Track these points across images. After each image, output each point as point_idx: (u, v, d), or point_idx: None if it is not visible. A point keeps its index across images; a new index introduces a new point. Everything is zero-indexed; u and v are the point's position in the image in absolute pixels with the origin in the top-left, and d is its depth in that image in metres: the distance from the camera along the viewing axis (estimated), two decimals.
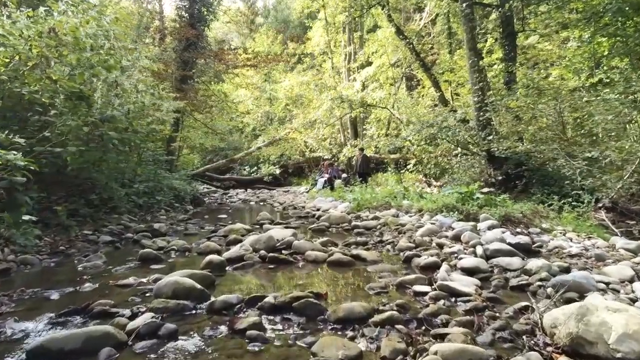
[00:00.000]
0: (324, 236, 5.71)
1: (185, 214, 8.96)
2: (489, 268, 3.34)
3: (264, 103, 23.63)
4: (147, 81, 7.37)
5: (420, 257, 3.82)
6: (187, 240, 5.41)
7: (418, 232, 5.01)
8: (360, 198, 7.70)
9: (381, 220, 6.47)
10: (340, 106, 15.72)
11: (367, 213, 7.34)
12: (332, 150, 19.22)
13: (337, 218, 6.42)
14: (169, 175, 10.88)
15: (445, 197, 6.63)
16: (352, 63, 18.86)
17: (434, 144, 14.23)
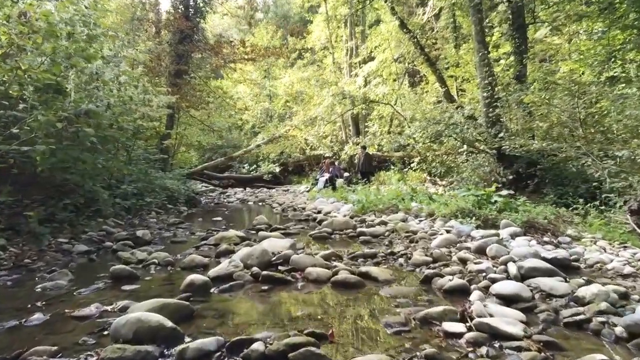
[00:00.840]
0: (326, 244, 5.08)
1: (177, 217, 8.32)
2: (531, 295, 2.69)
3: (263, 99, 22.95)
4: (131, 73, 6.71)
5: (443, 277, 3.18)
6: (173, 250, 4.78)
7: (434, 242, 4.36)
8: (365, 200, 7.06)
9: (389, 226, 5.83)
10: (341, 102, 15.05)
11: (372, 217, 6.70)
12: (333, 148, 18.55)
13: (340, 223, 5.78)
14: (162, 175, 10.23)
15: (459, 200, 5.99)
16: (353, 58, 18.18)
17: (439, 141, 13.60)
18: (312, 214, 8.11)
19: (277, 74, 22.49)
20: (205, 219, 8.28)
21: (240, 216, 9.10)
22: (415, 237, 4.92)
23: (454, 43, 15.73)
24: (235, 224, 7.35)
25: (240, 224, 7.35)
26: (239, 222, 7.94)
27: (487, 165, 10.38)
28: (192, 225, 7.10)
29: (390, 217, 6.38)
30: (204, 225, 7.29)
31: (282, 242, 4.12)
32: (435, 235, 4.95)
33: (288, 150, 19.76)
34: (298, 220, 7.53)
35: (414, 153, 15.16)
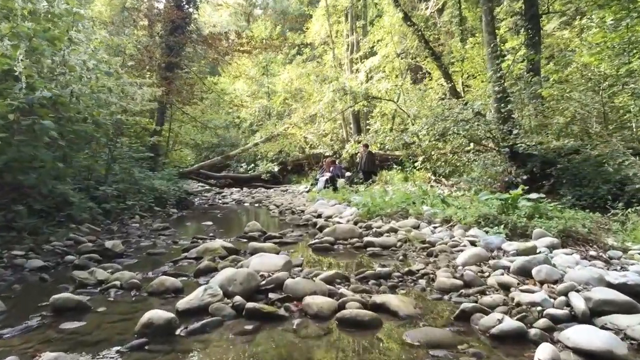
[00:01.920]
0: (329, 257, 4.26)
1: (164, 221, 7.50)
2: (627, 352, 1.86)
3: (261, 96, 22.09)
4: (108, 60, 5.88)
5: (486, 313, 2.36)
6: (146, 266, 3.96)
7: (460, 258, 3.54)
8: (371, 203, 6.23)
9: (400, 234, 5.02)
10: (342, 99, 14.22)
11: (379, 223, 5.88)
12: (334, 147, 17.72)
13: (344, 231, 4.96)
14: (151, 175, 9.41)
15: (480, 204, 5.17)
16: (354, 54, 17.33)
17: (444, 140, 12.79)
18: (312, 218, 7.30)
19: (275, 71, 21.63)
20: (194, 224, 7.47)
21: (233, 220, 8.27)
22: (433, 249, 4.10)
23: (459, 37, 14.89)
24: (226, 230, 6.53)
25: (232, 230, 6.54)
26: (231, 227, 7.12)
27: (499, 165, 9.56)
28: (178, 232, 6.28)
29: (400, 223, 5.56)
30: (191, 231, 6.48)
31: (275, 260, 3.30)
32: (457, 247, 4.14)
33: (287, 149, 18.94)
34: (296, 226, 6.71)
35: (418, 151, 14.36)
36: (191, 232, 6.40)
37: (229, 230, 6.58)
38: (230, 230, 6.49)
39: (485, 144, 11.00)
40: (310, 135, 17.83)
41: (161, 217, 8.48)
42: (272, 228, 6.68)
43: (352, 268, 3.68)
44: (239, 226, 7.17)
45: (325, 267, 3.71)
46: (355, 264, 3.84)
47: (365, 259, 4.10)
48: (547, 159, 8.92)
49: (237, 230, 6.07)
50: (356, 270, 3.49)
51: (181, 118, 13.12)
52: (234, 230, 6.40)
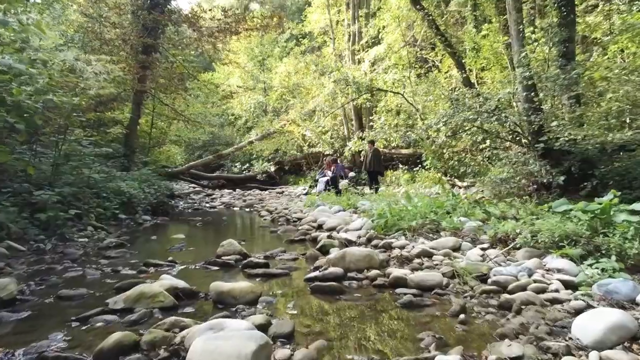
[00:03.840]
0: (337, 307, 2.61)
1: (123, 234, 5.85)
2: None
3: (258, 92, 20.40)
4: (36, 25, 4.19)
5: None
6: (24, 332, 2.30)
7: (589, 334, 1.88)
8: (389, 213, 4.56)
9: (436, 260, 3.39)
10: (344, 91, 12.56)
11: (402, 240, 4.22)
12: (334, 145, 16.07)
13: (358, 258, 3.30)
14: (120, 175, 7.74)
15: (553, 218, 3.51)
16: (356, 44, 15.67)
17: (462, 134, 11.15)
18: (311, 231, 5.66)
19: (272, 65, 19.96)
20: (164, 236, 5.80)
21: (214, 231, 6.59)
22: (509, 298, 2.44)
23: (472, 23, 13.25)
24: (197, 248, 4.86)
25: (205, 248, 4.86)
26: (207, 242, 5.44)
27: (532, 163, 7.88)
28: (132, 251, 4.61)
29: (433, 243, 3.90)
30: (151, 250, 4.81)
31: (238, 344, 1.63)
32: (546, 291, 2.49)
33: (284, 148, 17.28)
34: (290, 242, 5.04)
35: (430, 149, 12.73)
36: (151, 251, 4.73)
37: (201, 248, 4.91)
38: (202, 249, 4.82)
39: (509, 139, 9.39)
40: (308, 132, 16.18)
41: (128, 226, 6.82)
42: (258, 245, 5.01)
43: (384, 344, 2.02)
44: (217, 241, 5.50)
45: (335, 341, 2.05)
46: (386, 333, 2.18)
47: (398, 316, 2.44)
48: (587, 156, 7.34)
49: (212, 247, 4.40)
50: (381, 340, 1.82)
51: (164, 111, 11.43)
52: (208, 248, 4.73)
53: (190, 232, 6.49)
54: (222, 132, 21.82)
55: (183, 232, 6.22)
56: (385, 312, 2.50)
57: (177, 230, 6.53)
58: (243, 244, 4.92)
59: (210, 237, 5.83)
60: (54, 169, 5.87)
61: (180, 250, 4.66)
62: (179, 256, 4.28)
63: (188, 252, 4.55)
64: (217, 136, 21.30)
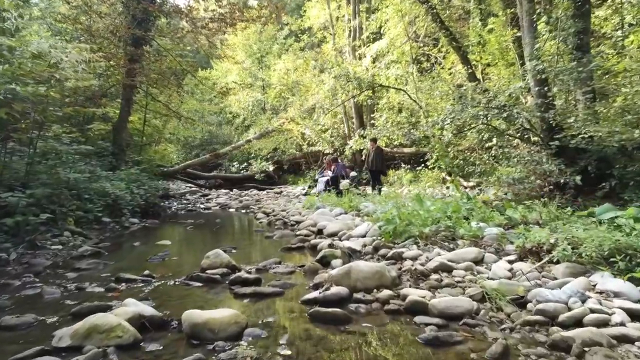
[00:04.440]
0: (340, 341, 2.04)
1: (103, 240, 5.29)
2: None
3: (256, 90, 19.80)
4: None
5: None
6: None
7: None
8: (398, 218, 3.98)
9: (457, 276, 2.84)
10: (345, 87, 11.98)
11: (414, 250, 3.66)
12: (334, 144, 15.49)
13: (367, 276, 2.74)
14: (104, 175, 7.16)
15: (604, 230, 2.95)
16: (357, 40, 15.08)
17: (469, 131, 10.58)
18: (310, 236, 5.10)
19: (271, 63, 19.33)
20: (148, 243, 5.22)
21: (204, 236, 6.02)
22: (567, 336, 1.88)
23: (478, 17, 12.67)
24: (181, 258, 4.29)
25: (190, 257, 4.29)
26: (193, 250, 4.86)
27: (546, 163, 7.31)
28: (106, 261, 4.03)
29: (452, 254, 3.33)
30: (129, 259, 4.24)
31: None
32: (609, 323, 1.93)
33: (282, 147, 16.70)
34: (287, 249, 4.47)
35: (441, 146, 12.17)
36: (129, 261, 4.16)
37: (186, 257, 4.34)
38: (188, 258, 4.26)
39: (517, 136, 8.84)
40: (308, 130, 15.60)
41: (112, 230, 6.26)
42: (251, 254, 4.44)
43: None
44: (206, 248, 4.93)
45: None
46: None
47: (411, 345, 1.88)
48: (604, 155, 6.79)
49: (199, 256, 3.83)
50: None
51: (157, 108, 10.84)
52: (194, 257, 4.15)
53: (178, 237, 5.93)
54: (220, 130, 21.23)
55: (170, 238, 5.66)
56: (404, 351, 1.93)
57: (165, 235, 5.97)
58: (234, 253, 4.36)
59: (199, 244, 5.26)
60: (28, 168, 5.30)
61: (162, 260, 4.09)
62: (159, 268, 3.71)
63: (170, 263, 3.98)
64: (215, 135, 20.72)
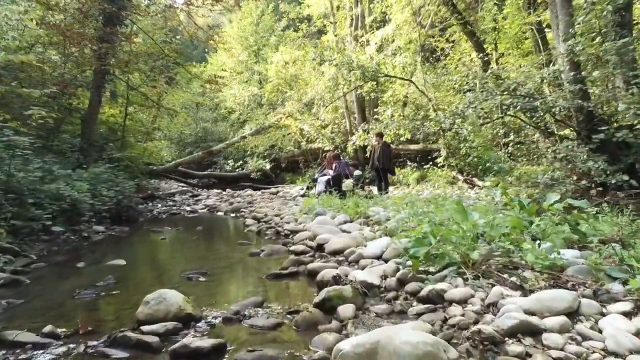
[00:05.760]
0: None
1: (43, 257, 4.04)
2: None
3: (253, 84, 18.51)
4: None
5: None
6: None
7: None
8: (432, 237, 2.71)
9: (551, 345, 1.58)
10: (347, 78, 10.72)
11: (459, 284, 2.40)
12: (335, 140, 14.22)
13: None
14: (64, 174, 5.89)
15: None
16: (359, 29, 13.81)
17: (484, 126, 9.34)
18: (307, 253, 3.86)
19: (268, 55, 18.03)
20: (97, 262, 3.96)
21: (173, 252, 4.75)
22: None
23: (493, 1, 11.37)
24: (126, 291, 3.00)
25: (139, 291, 3.00)
26: (150, 277, 3.59)
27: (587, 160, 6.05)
28: (14, 300, 2.77)
29: (530, 302, 2.07)
30: (54, 294, 2.97)
31: None
32: None
33: (280, 144, 15.42)
34: (275, 277, 3.19)
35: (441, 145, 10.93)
36: (49, 296, 2.89)
37: (132, 290, 3.05)
38: (132, 293, 2.98)
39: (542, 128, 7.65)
40: (307, 126, 14.32)
41: (67, 242, 5.02)
42: (223, 285, 3.16)
43: None
44: (166, 273, 3.65)
45: None
46: None
47: None
48: None
49: (153, 287, 2.58)
50: None
51: (140, 100, 9.54)
52: (145, 289, 2.90)
53: (142, 252, 4.67)
54: (216, 127, 19.95)
55: (131, 254, 4.40)
56: None
57: (126, 250, 4.71)
58: (201, 282, 3.10)
59: (162, 264, 3.99)
60: None
61: (96, 296, 2.83)
62: (83, 314, 2.46)
63: (105, 303, 2.71)
64: (210, 132, 19.45)
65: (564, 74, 6.76)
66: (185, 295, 2.42)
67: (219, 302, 2.60)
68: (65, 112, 7.37)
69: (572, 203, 3.06)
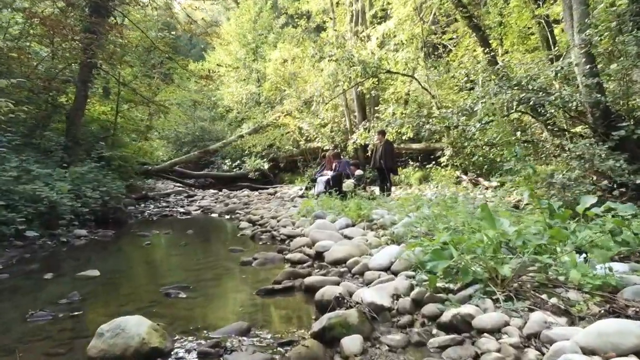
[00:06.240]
0: None
1: (8, 266, 3.58)
2: None
3: (251, 82, 18.03)
4: None
5: None
6: None
7: None
8: (452, 246, 2.27)
9: None
10: (347, 74, 10.25)
11: (488, 307, 1.94)
12: (335, 139, 13.75)
13: None
14: (43, 174, 5.42)
15: None
16: (359, 25, 13.34)
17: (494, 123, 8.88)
18: (305, 262, 3.40)
19: (266, 52, 17.55)
20: (67, 274, 3.50)
21: (154, 262, 4.28)
22: None
23: None
24: (90, 312, 2.54)
25: (105, 315, 2.55)
26: (123, 293, 3.13)
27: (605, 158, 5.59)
28: None
29: (588, 337, 1.60)
30: (4, 314, 2.50)
31: None
32: None
33: (278, 143, 14.94)
34: (267, 293, 2.72)
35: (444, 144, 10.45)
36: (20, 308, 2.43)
37: (98, 311, 2.59)
38: (95, 314, 2.51)
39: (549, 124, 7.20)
40: (306, 125, 13.85)
41: (43, 247, 4.57)
42: (205, 305, 2.68)
43: None
44: (143, 287, 3.19)
45: None
46: None
47: None
48: None
49: (127, 302, 2.12)
50: None
51: (132, 96, 9.07)
52: (114, 307, 2.44)
53: (122, 260, 4.20)
54: (213, 126, 19.47)
55: (109, 262, 3.94)
56: None
57: (105, 257, 4.25)
58: (181, 299, 2.64)
59: (139, 276, 3.53)
60: None
61: (51, 318, 2.36)
62: (27, 341, 2.00)
63: (58, 328, 2.24)
64: (208, 131, 18.97)
65: (578, 67, 6.29)
66: (159, 317, 1.97)
67: (197, 327, 2.14)
68: (50, 108, 6.89)
69: (614, 207, 2.60)
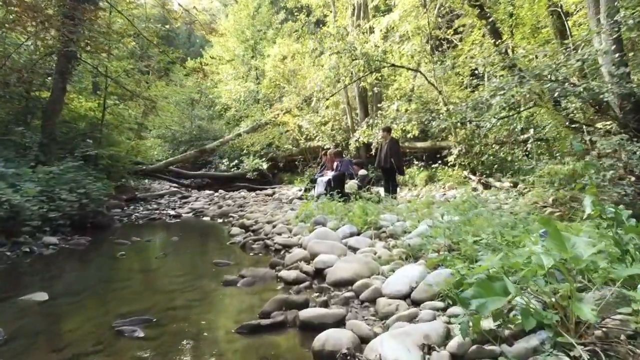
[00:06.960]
0: None
1: None
2: None
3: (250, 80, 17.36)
4: None
5: None
6: None
7: None
8: (505, 275, 1.61)
9: None
10: (349, 68, 9.56)
11: None
12: (336, 138, 13.07)
13: None
14: (10, 174, 4.75)
15: None
16: (361, 19, 12.66)
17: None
18: (302, 283, 2.72)
19: (265, 49, 16.88)
20: (8, 298, 2.82)
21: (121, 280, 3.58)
22: None
23: None
24: (18, 355, 1.87)
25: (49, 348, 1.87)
26: (82, 316, 2.45)
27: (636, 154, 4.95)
28: None
29: None
30: None
31: None
32: None
33: (277, 142, 14.28)
34: (250, 332, 2.05)
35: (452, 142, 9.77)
36: None
37: (27, 357, 1.91)
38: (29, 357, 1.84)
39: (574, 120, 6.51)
40: (305, 123, 13.16)
41: (1, 258, 3.90)
42: (168, 350, 2.00)
43: None
44: (96, 320, 2.51)
45: None
46: None
47: None
48: None
49: (65, 345, 1.47)
50: None
51: (120, 91, 8.39)
52: (47, 351, 1.77)
53: (81, 278, 3.51)
54: (211, 125, 18.80)
55: (66, 280, 3.27)
56: None
57: (66, 272, 3.57)
58: (137, 339, 1.96)
59: (96, 302, 2.84)
60: None
61: None
62: None
63: None
64: (205, 130, 18.31)
65: (605, 55, 5.60)
66: None
67: None
68: (24, 102, 6.22)
69: None
